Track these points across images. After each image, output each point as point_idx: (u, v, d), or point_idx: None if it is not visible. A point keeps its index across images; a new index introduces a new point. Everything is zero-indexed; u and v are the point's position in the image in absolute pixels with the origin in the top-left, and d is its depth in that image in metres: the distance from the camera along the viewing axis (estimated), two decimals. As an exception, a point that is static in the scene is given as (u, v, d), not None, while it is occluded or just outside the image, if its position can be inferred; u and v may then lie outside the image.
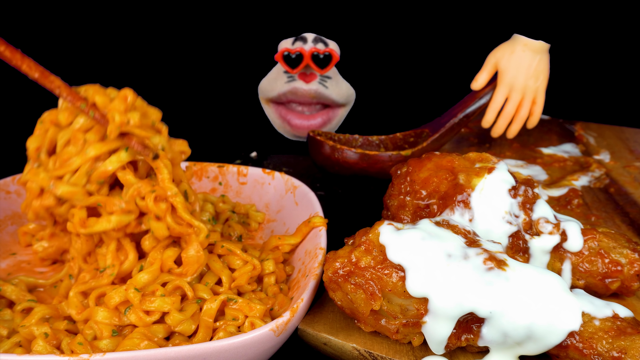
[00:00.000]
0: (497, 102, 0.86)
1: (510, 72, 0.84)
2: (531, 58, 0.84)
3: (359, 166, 0.79)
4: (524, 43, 0.83)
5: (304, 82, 0.88)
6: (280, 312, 0.50)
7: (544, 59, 0.85)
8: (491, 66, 0.86)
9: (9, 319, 0.49)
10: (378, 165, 0.79)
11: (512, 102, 0.85)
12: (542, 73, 0.85)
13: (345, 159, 0.79)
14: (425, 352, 0.46)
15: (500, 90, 0.85)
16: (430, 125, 0.88)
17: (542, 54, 0.84)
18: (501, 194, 0.51)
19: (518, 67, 0.84)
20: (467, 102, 0.88)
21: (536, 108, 0.87)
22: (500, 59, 0.85)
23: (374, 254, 0.45)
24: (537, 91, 0.86)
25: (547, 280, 0.43)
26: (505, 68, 0.84)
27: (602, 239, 0.52)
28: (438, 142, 0.86)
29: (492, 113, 0.87)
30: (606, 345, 0.41)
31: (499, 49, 0.86)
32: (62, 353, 0.44)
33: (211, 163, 0.74)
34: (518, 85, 0.84)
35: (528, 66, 0.84)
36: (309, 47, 0.86)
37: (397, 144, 0.89)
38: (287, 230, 0.65)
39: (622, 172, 0.82)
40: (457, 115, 0.86)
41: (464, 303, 0.42)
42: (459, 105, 0.88)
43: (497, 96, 0.86)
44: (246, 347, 0.42)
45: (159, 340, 0.46)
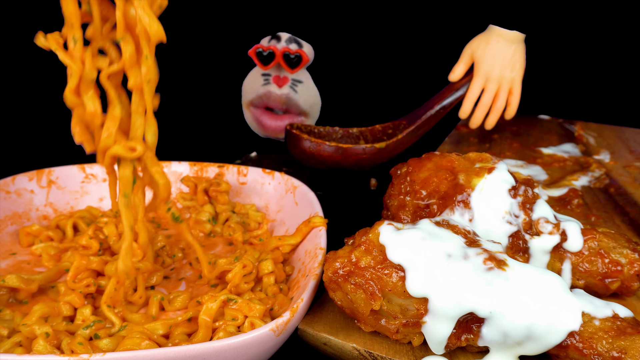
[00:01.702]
0: (474, 92, 0.86)
1: (485, 62, 0.84)
2: (506, 48, 0.84)
3: (333, 159, 0.80)
4: (499, 33, 0.83)
5: (277, 87, 0.91)
6: (280, 312, 0.50)
7: (519, 49, 0.85)
8: (467, 57, 0.86)
9: (9, 318, 0.49)
10: (352, 158, 0.80)
11: (489, 92, 0.86)
12: (518, 63, 0.85)
13: (320, 152, 0.80)
14: (425, 352, 0.46)
15: (477, 81, 0.86)
16: (408, 117, 0.89)
17: (518, 44, 0.84)
18: (501, 194, 0.51)
19: (493, 58, 0.84)
20: (444, 93, 0.88)
21: (513, 99, 0.87)
22: (476, 49, 0.85)
23: (374, 254, 0.45)
24: (513, 81, 0.86)
25: (547, 280, 0.43)
26: (480, 59, 0.85)
27: (602, 239, 0.52)
28: (414, 134, 0.86)
29: (469, 104, 0.87)
30: (606, 345, 0.41)
31: (475, 40, 0.86)
32: (62, 353, 0.44)
33: (211, 163, 0.74)
34: (494, 76, 0.85)
35: (503, 56, 0.84)
36: (281, 46, 0.89)
37: (377, 135, 0.90)
38: (287, 230, 0.65)
39: (622, 172, 0.82)
40: (434, 107, 0.87)
41: (464, 303, 0.42)
42: (436, 97, 0.89)
43: (473, 87, 0.86)
44: (246, 347, 0.42)
45: (159, 338, 0.46)
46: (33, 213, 0.67)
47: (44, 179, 0.69)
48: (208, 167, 0.74)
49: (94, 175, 0.72)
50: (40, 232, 0.63)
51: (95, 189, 0.71)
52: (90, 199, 0.71)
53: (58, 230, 0.64)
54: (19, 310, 0.52)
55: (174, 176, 0.74)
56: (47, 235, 0.63)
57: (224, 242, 0.66)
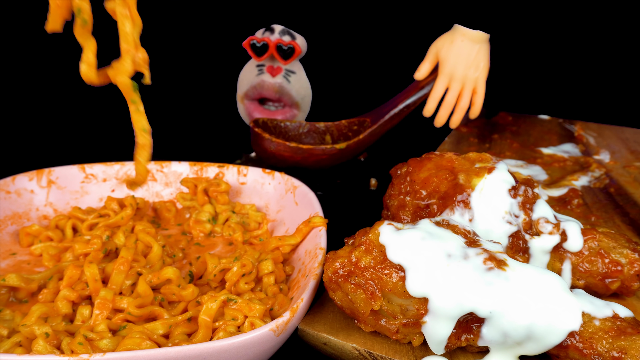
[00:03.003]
0: (438, 91, 0.86)
1: (449, 61, 0.84)
2: (470, 48, 0.84)
3: (294, 159, 0.81)
4: (463, 33, 0.84)
5: (271, 76, 0.92)
6: (280, 312, 0.50)
7: (483, 49, 0.85)
8: (433, 56, 0.87)
9: (9, 318, 0.49)
10: (312, 159, 0.81)
11: (453, 91, 0.86)
12: (482, 62, 0.85)
13: (280, 152, 0.80)
14: (425, 352, 0.46)
15: (441, 79, 0.86)
16: (372, 114, 0.89)
17: (482, 43, 0.84)
18: (501, 194, 0.51)
19: (457, 57, 0.84)
20: (409, 92, 0.89)
21: (477, 98, 0.87)
22: (441, 48, 0.85)
23: (374, 254, 0.45)
24: (477, 81, 0.86)
25: (547, 280, 0.43)
26: (445, 58, 0.85)
27: (602, 239, 0.52)
28: (376, 133, 0.87)
29: (433, 102, 0.87)
30: (606, 345, 0.41)
31: (440, 39, 0.86)
32: (62, 353, 0.44)
33: (211, 163, 0.74)
34: (458, 75, 0.85)
35: (467, 56, 0.84)
36: (274, 38, 0.90)
37: (342, 130, 0.90)
38: (287, 230, 0.65)
39: (622, 172, 0.82)
40: (398, 105, 0.87)
41: (464, 303, 0.42)
42: (400, 95, 0.89)
43: (437, 86, 0.86)
44: (246, 347, 0.42)
45: (159, 338, 0.46)
46: (33, 213, 0.67)
47: (44, 179, 0.69)
48: (208, 167, 0.74)
49: (94, 175, 0.72)
50: (40, 232, 0.63)
51: (95, 189, 0.71)
52: (90, 199, 0.71)
53: (57, 231, 0.64)
54: (19, 309, 0.52)
55: (174, 176, 0.74)
56: (46, 235, 0.63)
57: (224, 242, 0.66)
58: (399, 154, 0.94)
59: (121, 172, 0.73)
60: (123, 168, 0.73)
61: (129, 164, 0.73)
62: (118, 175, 0.73)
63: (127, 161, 0.73)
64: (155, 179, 0.73)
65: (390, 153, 0.97)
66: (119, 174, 0.73)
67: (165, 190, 0.74)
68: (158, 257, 0.58)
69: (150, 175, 0.73)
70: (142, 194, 0.73)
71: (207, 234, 0.67)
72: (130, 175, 0.71)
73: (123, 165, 0.73)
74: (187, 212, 0.71)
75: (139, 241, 0.60)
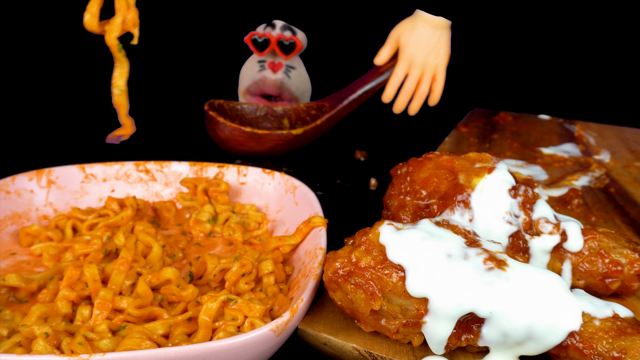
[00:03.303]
0: (397, 77, 0.85)
1: (410, 47, 0.83)
2: (431, 34, 0.83)
3: (248, 145, 0.79)
4: (424, 19, 0.82)
5: (272, 72, 0.93)
6: (280, 312, 0.50)
7: (444, 36, 0.84)
8: (393, 42, 0.85)
9: (9, 318, 0.49)
10: (268, 145, 0.80)
11: (412, 78, 0.85)
12: (442, 49, 0.84)
13: (234, 137, 0.79)
14: (425, 352, 0.46)
15: (400, 65, 0.85)
16: (331, 98, 0.88)
17: (443, 30, 0.83)
18: (501, 194, 0.51)
19: (417, 43, 0.83)
20: (368, 77, 0.87)
21: (436, 85, 0.86)
22: (401, 34, 0.84)
23: (374, 254, 0.45)
24: (437, 68, 0.85)
25: (547, 280, 0.43)
26: (405, 44, 0.84)
27: (602, 239, 0.52)
28: (334, 119, 0.86)
29: (392, 88, 0.86)
30: (606, 345, 0.41)
31: (401, 25, 0.85)
32: (62, 353, 0.44)
33: (211, 163, 0.74)
34: (417, 61, 0.84)
35: (427, 42, 0.83)
36: (276, 33, 0.91)
37: (300, 115, 0.90)
38: (287, 230, 0.65)
39: (622, 172, 0.82)
40: (357, 90, 0.86)
41: (464, 303, 0.42)
42: (360, 80, 0.88)
43: (397, 71, 0.85)
44: (246, 347, 0.42)
45: (159, 338, 0.46)
46: (33, 213, 0.67)
47: (44, 179, 0.69)
48: (208, 167, 0.74)
49: (93, 175, 0.72)
50: (40, 232, 0.63)
51: (95, 189, 0.71)
52: (90, 199, 0.71)
53: (57, 231, 0.64)
54: (19, 309, 0.52)
55: (174, 176, 0.74)
56: (46, 235, 0.63)
57: (224, 242, 0.66)
58: (399, 154, 0.94)
59: (121, 172, 0.73)
60: (123, 168, 0.73)
61: (128, 164, 0.73)
62: (118, 175, 0.73)
63: (127, 161, 0.73)
64: (155, 179, 0.73)
65: (390, 153, 0.97)
66: (119, 174, 0.73)
67: (165, 190, 0.74)
68: (158, 258, 0.58)
69: (150, 175, 0.73)
70: (142, 194, 0.73)
71: (207, 234, 0.67)
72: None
73: (123, 165, 0.73)
74: (187, 212, 0.71)
75: (139, 241, 0.60)
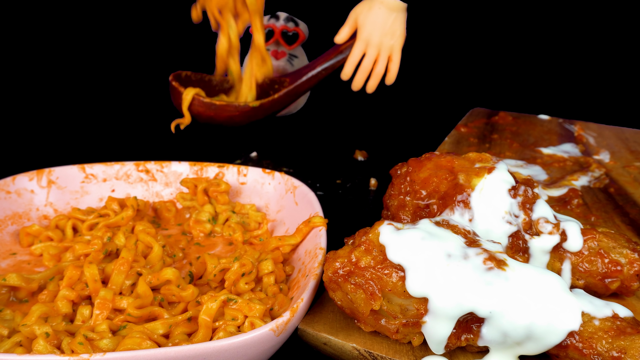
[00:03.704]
0: (354, 56, 0.89)
1: (366, 28, 0.86)
2: (386, 15, 0.86)
3: (207, 114, 0.83)
4: (381, 1, 0.85)
5: (275, 59, 0.96)
6: (280, 312, 0.50)
7: (399, 18, 0.87)
8: (352, 21, 0.89)
9: (10, 318, 0.50)
10: (225, 115, 0.83)
11: (368, 57, 0.88)
12: (398, 31, 0.87)
13: (194, 106, 0.82)
14: (425, 352, 0.46)
15: (358, 45, 0.88)
16: (292, 74, 0.91)
17: (399, 12, 0.86)
18: (501, 194, 0.51)
19: (374, 24, 0.86)
20: (328, 55, 0.91)
21: (392, 65, 0.89)
22: (359, 14, 0.87)
23: (374, 254, 0.45)
24: (392, 48, 0.88)
25: (547, 280, 0.43)
26: (362, 24, 0.87)
27: (602, 238, 0.52)
28: (293, 93, 0.90)
29: (350, 66, 0.89)
30: (606, 345, 0.41)
31: (360, 5, 0.88)
32: (62, 353, 0.44)
33: (211, 163, 0.74)
34: (373, 42, 0.87)
35: (383, 23, 0.86)
36: (280, 25, 0.94)
37: (264, 87, 0.92)
38: (287, 230, 0.65)
39: (622, 172, 0.82)
40: (316, 67, 0.90)
41: (464, 303, 0.42)
42: (320, 58, 0.91)
43: (354, 51, 0.88)
44: (246, 347, 0.42)
45: (159, 337, 0.46)
46: (33, 213, 0.67)
47: (44, 179, 0.69)
48: (208, 167, 0.74)
49: (94, 175, 0.72)
50: (40, 232, 0.63)
51: (95, 189, 0.71)
52: (90, 199, 0.71)
53: (57, 231, 0.64)
54: (19, 309, 0.52)
55: (174, 176, 0.74)
56: (46, 235, 0.63)
57: (224, 242, 0.66)
58: (399, 154, 0.94)
59: (121, 172, 0.73)
60: (123, 168, 0.73)
61: (129, 164, 0.73)
62: (118, 176, 0.73)
63: (127, 161, 0.73)
64: (156, 179, 0.74)
65: (390, 153, 0.97)
66: (119, 174, 0.73)
67: (165, 190, 0.74)
68: (158, 258, 0.58)
69: (150, 175, 0.74)
70: (142, 194, 0.73)
71: (207, 234, 0.67)
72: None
73: (123, 165, 0.73)
74: (187, 212, 0.71)
75: (139, 242, 0.60)
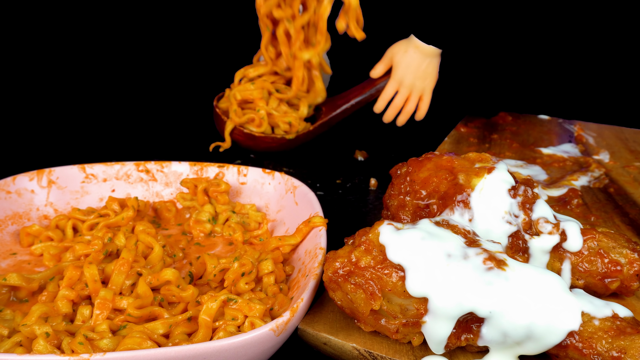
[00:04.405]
0: (387, 93, 0.93)
1: (401, 69, 0.91)
2: (421, 60, 0.90)
3: (246, 143, 0.88)
4: (416, 45, 0.89)
5: None
6: (280, 312, 0.50)
7: (433, 62, 0.91)
8: (388, 59, 0.93)
9: (10, 318, 0.50)
10: (263, 146, 0.88)
11: (400, 96, 0.93)
12: (430, 76, 0.92)
13: (235, 135, 0.87)
14: (425, 352, 0.46)
15: (391, 83, 0.93)
16: (327, 102, 0.95)
17: (432, 57, 0.91)
18: (501, 194, 0.51)
19: (408, 66, 0.90)
20: (363, 88, 0.95)
21: (422, 104, 0.94)
22: (395, 54, 0.92)
23: (373, 254, 0.45)
24: (424, 90, 0.93)
25: (547, 280, 0.43)
26: (397, 64, 0.91)
27: (602, 238, 0.52)
28: (327, 124, 0.94)
29: (382, 102, 0.94)
30: (606, 345, 0.42)
31: (396, 45, 0.92)
32: (62, 353, 0.44)
33: (211, 163, 0.74)
34: (406, 82, 0.91)
35: (417, 67, 0.90)
36: None
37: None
38: (287, 230, 0.65)
39: (621, 172, 0.82)
40: (351, 100, 0.94)
41: (464, 303, 0.42)
42: (355, 90, 0.96)
43: (387, 88, 0.93)
44: (246, 347, 0.42)
45: (159, 337, 0.46)
46: (33, 213, 0.67)
47: (45, 179, 0.69)
48: (208, 167, 0.74)
49: (94, 176, 0.72)
50: (41, 232, 0.63)
51: (95, 189, 0.71)
52: (91, 199, 0.71)
53: (58, 231, 0.64)
54: (20, 309, 0.52)
55: (174, 176, 0.74)
56: (47, 235, 0.63)
57: (224, 242, 0.66)
58: (399, 154, 0.94)
59: (121, 172, 0.73)
60: (123, 168, 0.73)
61: (129, 164, 0.73)
62: (118, 176, 0.73)
63: (127, 161, 0.73)
64: (156, 179, 0.74)
65: (390, 153, 0.97)
66: (119, 174, 0.73)
67: (166, 190, 0.74)
68: (159, 258, 0.58)
69: (151, 175, 0.74)
70: (142, 194, 0.73)
71: (207, 234, 0.67)
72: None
73: (123, 165, 0.73)
74: (187, 212, 0.71)
75: (139, 242, 0.60)
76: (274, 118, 0.88)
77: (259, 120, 0.86)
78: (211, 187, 0.70)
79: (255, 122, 0.86)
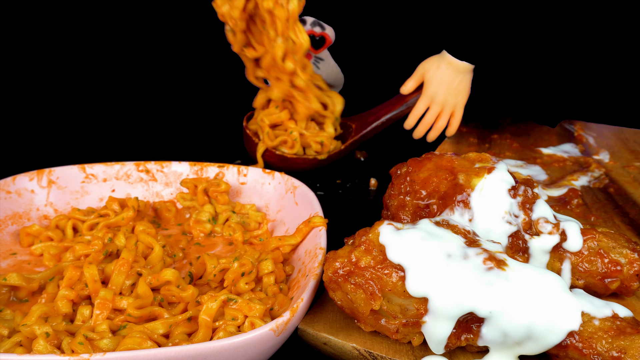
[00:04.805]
0: (418, 109, 0.91)
1: (432, 85, 0.89)
2: (453, 76, 0.88)
3: (278, 165, 0.86)
4: (449, 61, 0.87)
5: None
6: (280, 312, 0.50)
7: (465, 79, 0.89)
8: (419, 75, 0.91)
9: (10, 318, 0.50)
10: (295, 167, 0.86)
11: (432, 112, 0.91)
12: (462, 92, 0.90)
13: (266, 157, 0.85)
14: (425, 352, 0.46)
15: (422, 100, 0.91)
16: (357, 120, 0.93)
17: (465, 73, 0.89)
18: (501, 194, 0.51)
19: (440, 83, 0.88)
20: (393, 104, 0.93)
21: (454, 121, 0.92)
22: (427, 70, 0.90)
23: (373, 254, 0.45)
24: (455, 106, 0.91)
25: (547, 280, 0.43)
26: (429, 80, 0.89)
27: (602, 238, 0.52)
28: (358, 142, 0.92)
29: (413, 118, 0.92)
30: (606, 345, 0.42)
31: (428, 61, 0.90)
32: (62, 353, 0.44)
33: (211, 163, 0.74)
34: (438, 99, 0.89)
35: (449, 83, 0.88)
36: (307, 29, 0.92)
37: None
38: (287, 230, 0.65)
39: (621, 172, 0.82)
40: (381, 117, 0.92)
41: (464, 303, 0.42)
42: (385, 106, 0.93)
43: (419, 104, 0.91)
44: (246, 347, 0.42)
45: (159, 337, 0.46)
46: (34, 213, 0.67)
47: (45, 179, 0.69)
48: (208, 167, 0.74)
49: (94, 176, 0.72)
50: (41, 232, 0.63)
51: (95, 189, 0.71)
52: (91, 199, 0.71)
53: (58, 231, 0.64)
54: (20, 309, 0.52)
55: (174, 176, 0.74)
56: (47, 235, 0.63)
57: (224, 242, 0.66)
58: (399, 154, 0.94)
59: (121, 172, 0.73)
60: (123, 168, 0.73)
61: (129, 164, 0.73)
62: (118, 176, 0.73)
63: (127, 161, 0.73)
64: (156, 179, 0.74)
65: (390, 153, 0.97)
66: (119, 174, 0.73)
67: (166, 190, 0.74)
68: (159, 258, 0.58)
69: (151, 175, 0.74)
70: (142, 194, 0.73)
71: (207, 234, 0.67)
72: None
73: (123, 165, 0.73)
74: (187, 212, 0.71)
75: (139, 242, 0.60)
76: (306, 138, 0.86)
77: (291, 142, 0.84)
78: (211, 187, 0.70)
79: (287, 143, 0.84)
